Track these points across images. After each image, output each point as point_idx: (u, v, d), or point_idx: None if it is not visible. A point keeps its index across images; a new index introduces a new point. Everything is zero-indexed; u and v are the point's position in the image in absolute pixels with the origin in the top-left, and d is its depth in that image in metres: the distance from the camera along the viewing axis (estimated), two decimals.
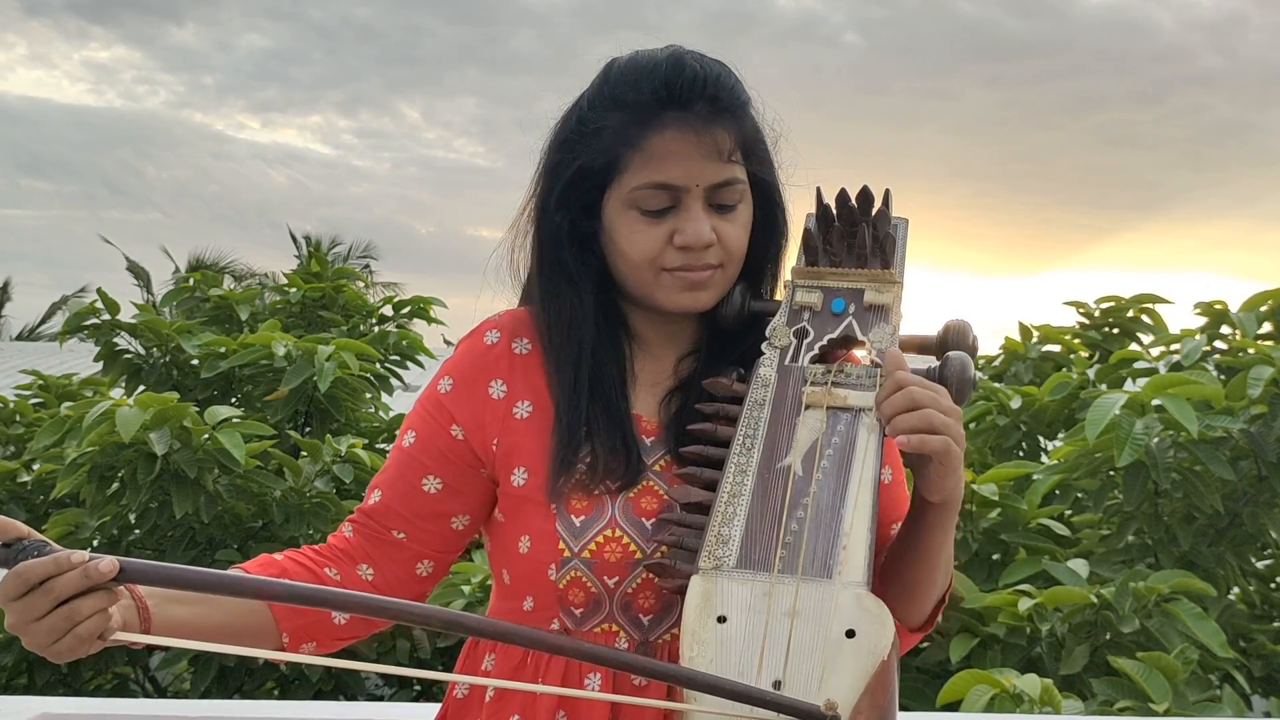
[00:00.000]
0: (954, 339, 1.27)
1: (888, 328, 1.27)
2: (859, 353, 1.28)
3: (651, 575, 1.25)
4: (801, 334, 1.29)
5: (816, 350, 1.27)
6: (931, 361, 1.25)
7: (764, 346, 1.29)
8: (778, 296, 1.37)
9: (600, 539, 1.26)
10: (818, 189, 1.33)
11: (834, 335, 1.27)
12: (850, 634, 1.12)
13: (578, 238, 1.33)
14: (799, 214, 1.36)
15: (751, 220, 1.33)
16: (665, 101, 1.27)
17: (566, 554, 1.27)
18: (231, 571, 1.19)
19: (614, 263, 1.33)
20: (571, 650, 1.10)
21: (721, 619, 1.14)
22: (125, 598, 1.15)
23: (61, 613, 1.05)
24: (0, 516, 1.07)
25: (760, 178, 1.33)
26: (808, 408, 1.23)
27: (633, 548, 1.26)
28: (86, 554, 1.04)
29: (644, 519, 1.27)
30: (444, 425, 1.35)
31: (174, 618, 1.19)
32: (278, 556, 1.32)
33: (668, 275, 1.30)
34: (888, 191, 1.32)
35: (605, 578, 1.26)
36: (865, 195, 1.31)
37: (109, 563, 1.03)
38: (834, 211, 1.32)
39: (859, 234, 1.29)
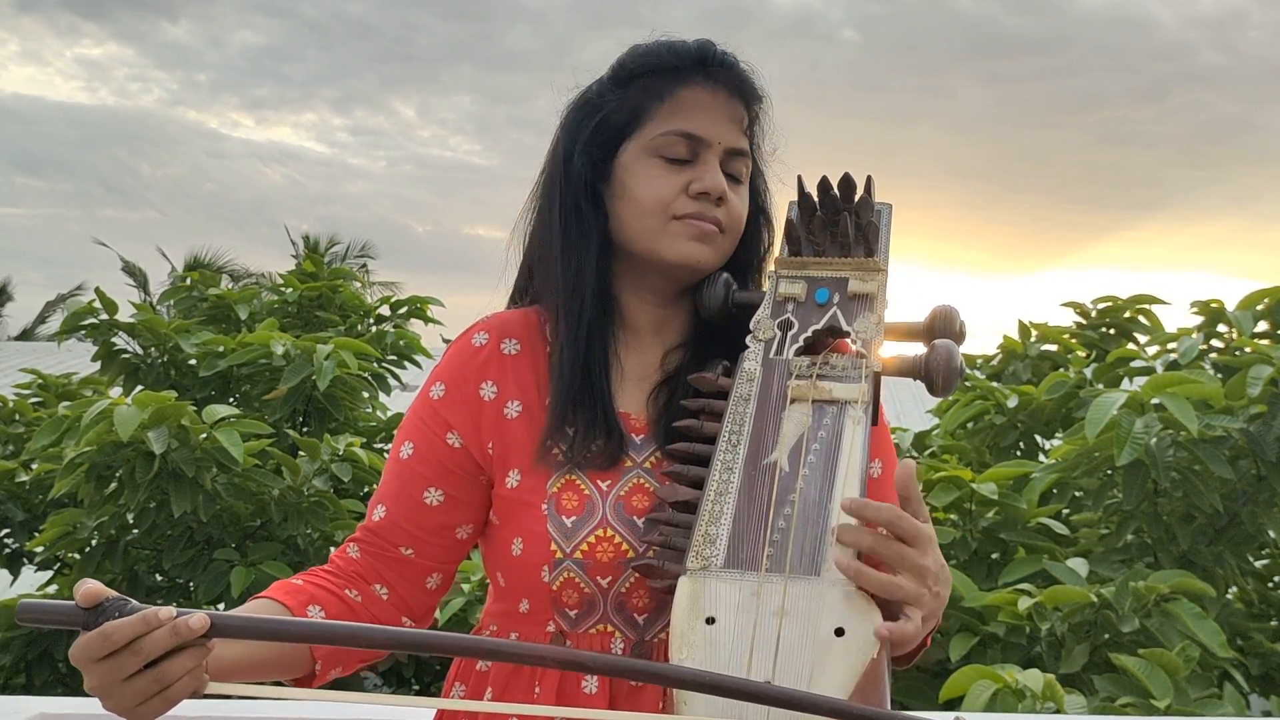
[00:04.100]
0: (941, 325, 1.25)
1: (872, 316, 1.25)
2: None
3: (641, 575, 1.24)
4: (786, 325, 1.27)
5: (801, 342, 1.25)
6: (919, 349, 1.24)
7: (748, 340, 1.27)
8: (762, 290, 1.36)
9: (592, 539, 1.26)
10: (799, 178, 1.32)
11: (819, 326, 1.25)
12: (839, 632, 1.10)
13: (591, 192, 1.34)
14: (782, 219, 1.37)
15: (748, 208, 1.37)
16: (699, 64, 1.34)
17: (559, 555, 1.26)
18: (313, 619, 1.20)
19: (622, 214, 1.34)
20: (554, 661, 1.07)
21: (710, 620, 1.12)
22: None
23: (151, 675, 0.99)
24: (87, 585, 0.99)
25: (756, 171, 1.39)
26: (793, 401, 1.21)
27: (625, 547, 1.25)
28: (174, 610, 0.99)
29: (635, 517, 1.26)
30: (440, 433, 1.34)
31: (231, 657, 1.14)
32: (297, 581, 1.30)
33: (677, 223, 1.31)
34: (870, 178, 1.31)
35: (598, 578, 1.25)
36: (847, 183, 1.29)
37: (199, 619, 0.99)
38: (816, 200, 1.31)
39: (841, 222, 1.28)
